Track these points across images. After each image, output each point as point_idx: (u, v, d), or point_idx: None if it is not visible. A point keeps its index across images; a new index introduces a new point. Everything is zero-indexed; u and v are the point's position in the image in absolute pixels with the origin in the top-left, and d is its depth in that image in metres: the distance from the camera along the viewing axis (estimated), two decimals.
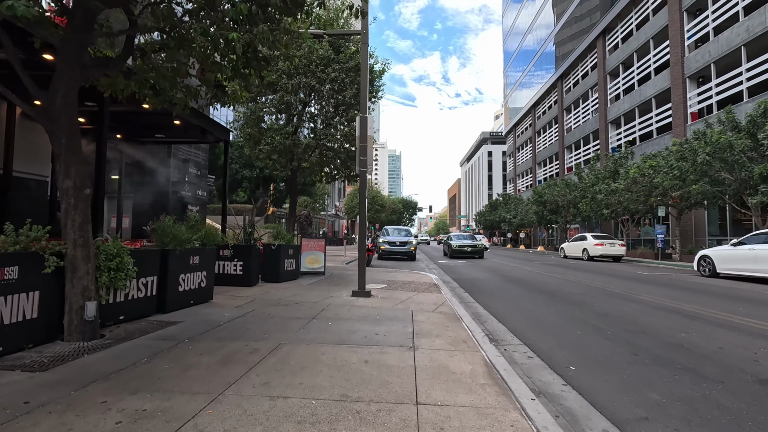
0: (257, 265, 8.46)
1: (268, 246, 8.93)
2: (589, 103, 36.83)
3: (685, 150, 16.47)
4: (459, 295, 8.30)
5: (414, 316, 5.44)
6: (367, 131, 7.35)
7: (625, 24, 31.46)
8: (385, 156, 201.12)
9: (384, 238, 20.59)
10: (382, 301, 6.72)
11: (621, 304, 7.16)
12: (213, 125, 9.43)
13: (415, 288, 8.53)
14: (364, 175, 7.29)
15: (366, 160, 7.28)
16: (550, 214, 33.34)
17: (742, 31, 20.29)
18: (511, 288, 9.55)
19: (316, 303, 6.36)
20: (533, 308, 6.90)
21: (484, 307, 7.01)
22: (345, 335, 4.31)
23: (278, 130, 9.14)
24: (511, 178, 65.10)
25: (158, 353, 3.53)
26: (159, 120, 8.96)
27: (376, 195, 48.67)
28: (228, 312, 5.46)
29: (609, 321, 5.75)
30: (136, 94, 4.65)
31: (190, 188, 14.62)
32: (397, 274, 11.71)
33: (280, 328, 4.56)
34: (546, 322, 5.78)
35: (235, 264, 8.14)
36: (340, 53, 9.36)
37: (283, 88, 8.89)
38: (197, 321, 4.88)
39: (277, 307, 5.96)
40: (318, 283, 9.14)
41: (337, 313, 5.52)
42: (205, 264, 6.12)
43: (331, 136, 9.61)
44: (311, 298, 6.78)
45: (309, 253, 11.28)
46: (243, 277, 8.11)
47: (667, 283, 10.59)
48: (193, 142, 10.94)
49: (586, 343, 4.61)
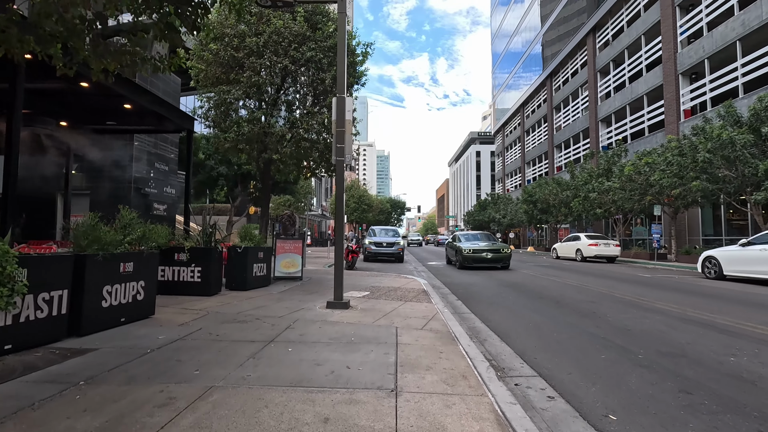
0: (219, 270, 7.32)
1: (234, 249, 7.79)
2: (579, 102, 36.35)
3: (683, 146, 15.79)
4: (451, 304, 7.29)
5: (399, 337, 4.39)
6: (345, 114, 6.29)
7: (616, 21, 30.98)
8: (374, 156, 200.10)
9: (370, 238, 19.53)
10: (362, 314, 5.65)
11: (639, 315, 6.22)
12: (172, 111, 8.25)
13: (401, 296, 7.48)
14: (341, 165, 6.22)
15: (343, 148, 6.21)
16: (541, 213, 32.69)
17: (737, 26, 19.79)
18: (508, 294, 8.59)
19: (282, 318, 5.26)
20: (539, 320, 5.92)
21: (481, 319, 6.00)
22: (306, 370, 3.24)
23: (247, 116, 7.99)
24: (500, 177, 64.66)
25: (20, 410, 2.41)
26: (107, 103, 7.75)
27: (363, 194, 47.50)
28: (166, 333, 4.33)
29: (634, 339, 4.78)
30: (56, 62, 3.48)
31: (156, 185, 13.33)
32: (382, 278, 10.66)
33: (222, 359, 3.46)
34: (558, 340, 4.79)
35: (192, 270, 6.99)
36: (318, 30, 8.26)
37: (251, 67, 7.76)
38: (117, 348, 3.75)
39: (231, 324, 4.85)
40: (291, 290, 8.03)
41: (303, 334, 4.44)
42: (144, 271, 4.97)
43: (306, 124, 8.50)
44: (277, 312, 5.68)
45: (284, 256, 10.16)
46: (201, 285, 6.96)
47: (676, 287, 9.75)
48: (150, 131, 9.73)
49: (618, 373, 3.62)
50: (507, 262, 14.95)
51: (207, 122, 8.53)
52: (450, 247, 17.28)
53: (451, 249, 16.95)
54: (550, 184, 31.43)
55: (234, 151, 8.84)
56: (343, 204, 6.25)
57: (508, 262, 15.05)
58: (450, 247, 17.33)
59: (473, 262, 14.54)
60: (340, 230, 6.24)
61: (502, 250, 14.74)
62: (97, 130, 8.88)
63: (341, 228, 6.24)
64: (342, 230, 6.23)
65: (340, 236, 6.22)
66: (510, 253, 14.93)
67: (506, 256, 14.82)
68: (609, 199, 21.94)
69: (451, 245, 16.85)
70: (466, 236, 16.66)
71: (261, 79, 7.77)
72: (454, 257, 16.14)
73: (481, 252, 14.58)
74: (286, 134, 8.47)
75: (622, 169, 20.65)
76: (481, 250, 14.58)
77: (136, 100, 7.23)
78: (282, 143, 8.90)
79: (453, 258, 16.36)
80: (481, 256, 14.55)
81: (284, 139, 9.09)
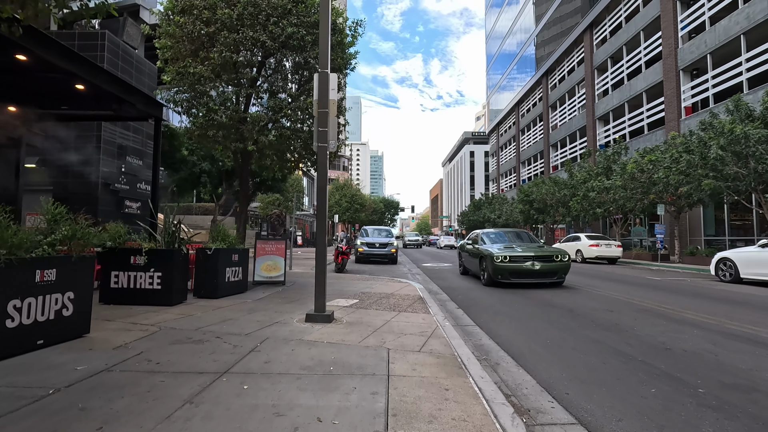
0: (183, 275, 6.32)
1: (203, 251, 6.80)
2: (576, 100, 35.73)
3: (690, 142, 15.06)
4: (451, 314, 6.37)
5: (391, 364, 3.45)
6: (329, 93, 5.34)
7: (614, 16, 30.37)
8: (367, 156, 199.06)
9: (362, 239, 18.58)
10: (347, 330, 4.71)
11: (671, 329, 5.35)
12: (135, 95, 7.22)
13: (395, 304, 6.54)
14: (324, 152, 5.27)
15: (326, 132, 5.26)
16: (538, 213, 31.97)
17: (741, 19, 19.17)
18: (514, 301, 7.69)
19: (249, 336, 4.30)
20: (555, 335, 5.02)
21: (489, 334, 5.08)
22: (259, 426, 2.29)
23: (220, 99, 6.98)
24: (494, 177, 64.06)
25: None
26: (55, 84, 6.73)
27: (356, 193, 46.43)
28: (91, 361, 3.36)
29: (681, 364, 3.90)
30: None
31: (128, 181, 12.27)
32: (374, 282, 9.72)
33: (145, 407, 2.50)
34: (588, 365, 3.88)
35: (150, 275, 5.99)
36: (300, 3, 7.30)
37: (224, 43, 6.78)
38: (5, 388, 2.76)
39: (183, 345, 3.88)
40: (269, 298, 7.05)
41: (269, 360, 3.48)
42: (73, 280, 3.98)
43: (288, 109, 7.52)
44: (245, 327, 4.71)
45: (265, 259, 9.18)
46: (161, 293, 5.97)
47: (695, 292, 8.94)
48: (110, 117, 8.66)
49: (685, 420, 2.72)
50: (563, 275, 9.51)
51: (175, 107, 7.51)
52: (468, 253, 11.80)
53: (470, 256, 11.56)
54: (547, 183, 30.71)
55: (205, 140, 7.84)
56: (325, 198, 5.30)
57: (565, 275, 9.58)
58: (468, 252, 11.82)
59: (512, 276, 9.18)
60: (322, 228, 5.29)
61: (555, 256, 9.35)
62: (48, 116, 7.81)
63: (323, 226, 5.28)
64: (324, 228, 5.28)
65: (322, 235, 5.27)
66: (569, 262, 9.53)
67: (563, 266, 9.38)
68: (609, 198, 21.22)
69: (470, 250, 11.50)
70: (493, 236, 11.36)
71: (235, 57, 6.79)
72: (475, 267, 10.86)
73: (522, 260, 9.21)
74: (263, 121, 7.49)
75: (624, 166, 19.93)
76: (523, 257, 9.24)
77: (88, 79, 6.21)
78: (263, 132, 7.91)
79: (473, 268, 11.18)
80: (523, 266, 9.14)
81: (265, 129, 8.11)
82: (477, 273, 10.77)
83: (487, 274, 9.72)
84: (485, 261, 9.83)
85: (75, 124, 11.03)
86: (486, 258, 9.76)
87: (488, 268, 9.60)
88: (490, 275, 9.52)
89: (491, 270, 9.43)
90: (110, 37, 11.72)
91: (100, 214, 10.86)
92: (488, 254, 9.67)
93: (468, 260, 11.94)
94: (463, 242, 13.14)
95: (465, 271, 12.76)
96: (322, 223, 5.27)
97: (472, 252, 11.38)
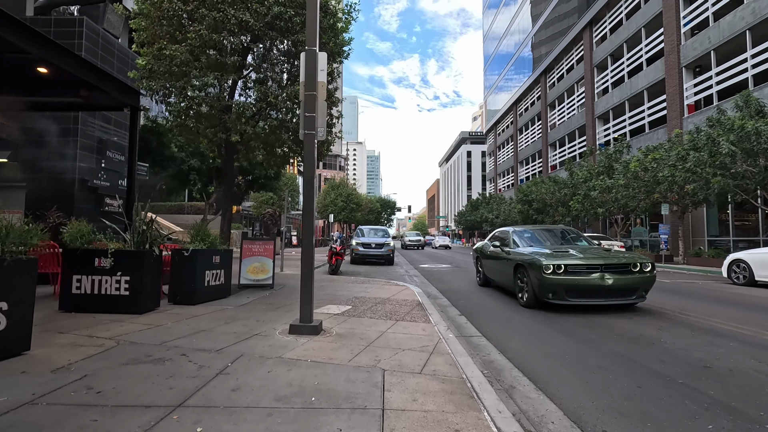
0: (155, 280, 5.67)
1: (179, 252, 6.15)
2: (575, 98, 35.26)
3: (698, 139, 14.54)
4: (454, 322, 5.75)
5: (387, 393, 2.83)
6: (317, 74, 4.71)
7: (614, 13, 29.90)
8: (364, 156, 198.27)
9: (358, 239, 17.95)
10: (336, 344, 4.08)
11: (705, 342, 4.75)
12: (107, 81, 6.55)
13: (391, 312, 5.92)
14: (312, 141, 4.64)
15: (314, 118, 4.63)
16: (537, 213, 31.45)
17: (747, 14, 18.69)
18: (519, 306, 7.09)
19: (220, 353, 3.66)
20: (574, 349, 4.41)
21: (498, 348, 4.47)
22: None
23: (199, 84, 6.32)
24: (492, 177, 63.61)
25: None
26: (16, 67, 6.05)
27: (351, 192, 45.73)
28: (17, 389, 2.71)
29: (732, 387, 3.30)
30: None
31: (108, 177, 11.53)
32: (369, 285, 9.10)
33: None
34: (622, 390, 3.27)
35: (117, 279, 5.34)
36: None
37: (202, 22, 6.13)
38: None
39: (138, 366, 3.24)
40: (253, 304, 6.40)
41: (236, 388, 2.85)
42: (5, 288, 3.33)
43: (275, 98, 6.87)
44: (219, 341, 4.07)
45: (252, 260, 8.54)
46: (129, 300, 5.32)
47: (713, 297, 8.38)
48: (80, 107, 7.97)
49: None
50: (644, 293, 6.55)
51: (149, 93, 6.84)
52: (493, 259, 8.64)
53: (496, 262, 8.42)
54: (547, 182, 30.20)
55: (185, 131, 7.18)
56: (313, 193, 4.67)
57: (646, 293, 6.62)
58: (492, 258, 8.67)
59: (571, 294, 6.32)
60: (309, 227, 4.65)
61: (633, 265, 6.42)
62: (9, 103, 7.11)
63: (311, 224, 4.65)
64: (312, 227, 4.64)
65: (309, 235, 4.64)
66: (654, 273, 6.54)
67: (645, 280, 6.43)
68: (611, 198, 20.70)
69: (496, 255, 8.34)
70: (529, 236, 8.19)
71: (216, 37, 6.13)
72: (507, 279, 7.81)
73: (587, 271, 6.30)
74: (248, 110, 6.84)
75: (627, 165, 19.41)
76: (587, 268, 6.32)
77: (52, 61, 5.56)
78: (249, 123, 7.27)
79: (503, 280, 8.11)
80: (588, 280, 6.25)
81: (251, 120, 7.47)
82: (508, 286, 7.69)
83: (530, 290, 6.59)
84: (526, 272, 6.69)
85: (50, 116, 10.33)
86: (527, 268, 6.65)
87: (531, 282, 6.51)
88: (535, 292, 6.49)
89: (537, 285, 6.40)
90: (89, 24, 11.00)
91: (76, 212, 10.13)
92: (531, 262, 6.53)
93: (493, 268, 8.71)
94: (484, 244, 9.65)
95: (486, 281, 9.60)
96: (310, 220, 4.64)
97: (500, 258, 8.00)
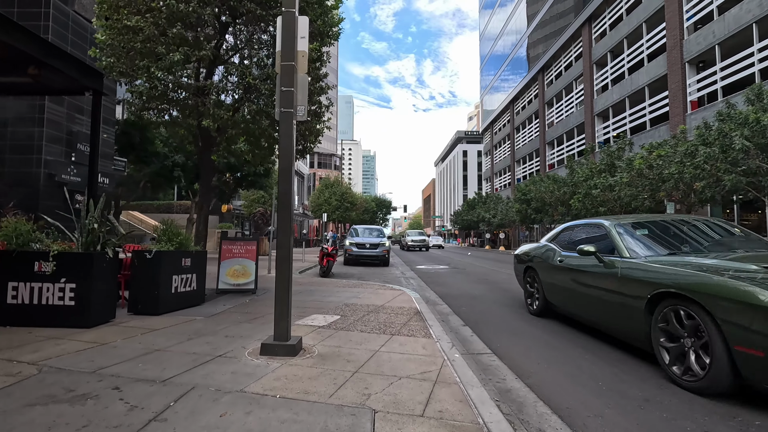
0: (108, 287, 4.84)
1: (140, 254, 5.32)
2: (573, 96, 34.67)
3: (708, 135, 13.88)
4: (460, 336, 4.97)
5: None
6: (296, 42, 3.92)
7: (614, 8, 29.30)
8: (360, 155, 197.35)
9: (351, 239, 17.17)
10: (316, 370, 3.28)
11: None
12: (58, 57, 5.70)
13: (386, 323, 5.13)
14: (289, 121, 3.85)
15: (292, 94, 3.84)
16: (535, 213, 30.80)
17: (753, 7, 18.10)
18: (525, 312, 6.34)
19: (166, 384, 2.86)
20: (608, 374, 3.66)
21: (515, 371, 3.69)
22: None
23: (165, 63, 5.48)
24: (488, 176, 63.01)
25: None
26: None
27: (346, 191, 44.85)
28: None
29: None
30: None
31: (80, 171, 10.68)
32: (362, 290, 8.31)
33: None
34: None
35: (61, 287, 4.52)
36: None
37: None
38: None
39: (45, 409, 2.43)
40: (227, 314, 5.59)
41: None
42: None
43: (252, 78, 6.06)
44: (169, 366, 3.27)
45: (232, 263, 7.73)
46: (75, 312, 4.50)
47: None
48: (33, 89, 7.10)
49: None
50: None
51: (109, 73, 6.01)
52: (568, 274, 5.11)
53: (579, 281, 4.86)
54: (546, 181, 29.56)
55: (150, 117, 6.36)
56: (290, 184, 3.87)
57: None
58: (568, 272, 5.11)
59: None
60: (286, 223, 3.85)
61: None
62: None
63: (288, 220, 3.85)
64: (289, 223, 3.85)
65: (286, 233, 3.84)
66: None
67: None
68: (614, 196, 20.04)
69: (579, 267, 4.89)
70: (654, 236, 4.52)
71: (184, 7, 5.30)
72: (620, 319, 4.08)
73: None
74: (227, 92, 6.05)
75: (630, 162, 18.75)
76: None
77: None
78: (226, 107, 6.46)
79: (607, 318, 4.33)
80: None
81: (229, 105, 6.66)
82: (617, 330, 4.23)
83: (720, 354, 2.93)
84: (706, 314, 3.06)
85: (11, 103, 9.46)
86: (708, 304, 3.02)
87: (728, 335, 2.87)
88: (733, 362, 2.88)
89: (748, 342, 2.76)
90: (57, 5, 10.14)
91: (42, 209, 9.25)
92: (722, 291, 2.96)
93: (576, 293, 4.93)
94: (544, 249, 6.04)
95: (546, 306, 5.85)
96: (286, 215, 3.84)
97: (597, 275, 4.51)
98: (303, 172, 57.02)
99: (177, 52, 5.35)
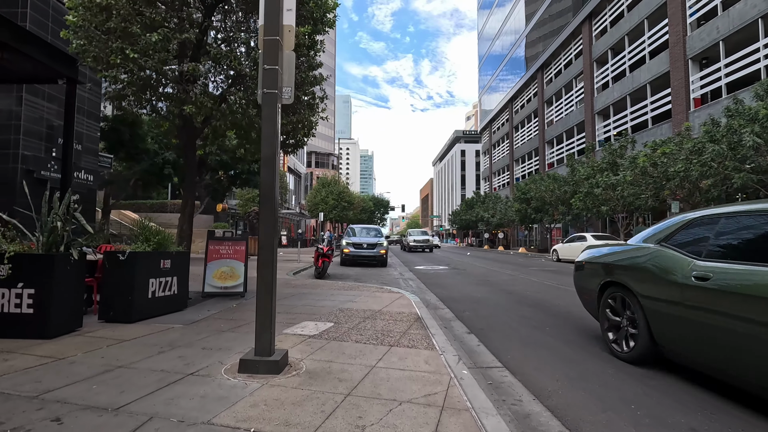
0: (74, 292, 4.34)
1: (112, 256, 4.82)
2: (573, 94, 34.26)
3: (715, 131, 13.47)
4: (466, 346, 4.49)
5: None
6: (281, 15, 3.44)
7: (615, 5, 28.90)
8: (357, 155, 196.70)
9: (348, 239, 16.67)
10: (302, 392, 2.79)
11: None
12: (25, 41, 5.18)
13: (383, 332, 4.65)
14: (273, 103, 3.36)
15: (276, 72, 3.35)
16: (535, 212, 30.38)
17: (759, 2, 17.68)
18: (545, 321, 5.88)
19: (116, 416, 2.37)
20: (644, 395, 3.19)
21: (532, 390, 3.21)
22: None
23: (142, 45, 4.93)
24: (487, 176, 62.60)
25: None
26: None
27: (343, 190, 44.29)
28: None
29: None
30: None
31: (61, 167, 10.16)
32: (358, 293, 7.83)
33: None
34: None
35: (18, 293, 4.02)
36: None
37: None
38: None
39: None
40: (209, 321, 5.09)
41: None
42: None
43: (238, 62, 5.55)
44: (128, 390, 2.77)
45: (219, 264, 7.23)
46: (34, 320, 4.00)
47: None
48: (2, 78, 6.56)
49: None
50: None
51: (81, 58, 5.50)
52: (694, 293, 3.04)
53: (718, 306, 2.84)
54: (546, 180, 29.13)
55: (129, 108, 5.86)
56: (274, 175, 3.38)
57: None
58: (697, 291, 3.01)
59: None
60: (269, 221, 3.36)
61: None
62: None
63: (272, 216, 3.36)
64: (272, 220, 3.36)
65: (269, 233, 3.35)
66: None
67: None
68: (616, 195, 19.63)
69: (731, 289, 2.75)
70: None
71: None
72: None
73: None
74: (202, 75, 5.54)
75: (634, 160, 18.33)
76: None
77: None
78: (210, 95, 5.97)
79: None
80: None
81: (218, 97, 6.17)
82: None
83: None
84: None
85: None
86: None
87: None
88: None
89: None
90: None
91: (20, 206, 8.78)
92: None
93: (717, 331, 2.86)
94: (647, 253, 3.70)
95: (652, 350, 3.57)
96: (270, 209, 3.35)
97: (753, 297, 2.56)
98: (300, 171, 56.44)
99: (155, 33, 4.84)
